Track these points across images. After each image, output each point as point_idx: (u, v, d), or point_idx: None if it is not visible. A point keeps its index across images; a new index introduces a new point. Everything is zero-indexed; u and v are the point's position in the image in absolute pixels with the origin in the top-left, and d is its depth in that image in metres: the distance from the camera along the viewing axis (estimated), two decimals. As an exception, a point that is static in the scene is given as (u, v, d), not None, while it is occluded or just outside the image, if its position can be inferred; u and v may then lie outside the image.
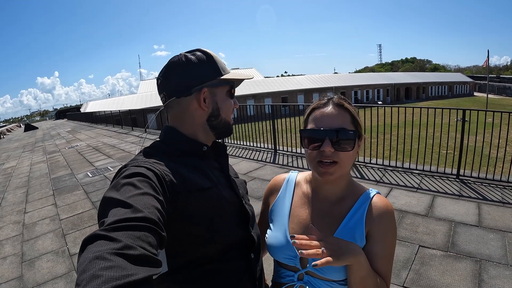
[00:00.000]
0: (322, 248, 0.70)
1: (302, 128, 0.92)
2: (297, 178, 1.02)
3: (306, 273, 0.86)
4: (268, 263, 1.15)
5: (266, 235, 0.95)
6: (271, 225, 0.97)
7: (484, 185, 4.06)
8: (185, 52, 0.88)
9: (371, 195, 0.89)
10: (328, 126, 0.83)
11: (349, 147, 0.83)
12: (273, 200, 1.01)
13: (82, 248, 0.47)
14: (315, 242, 0.72)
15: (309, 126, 0.88)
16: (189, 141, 0.87)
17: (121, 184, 0.64)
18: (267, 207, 1.03)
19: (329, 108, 0.85)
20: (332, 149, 0.81)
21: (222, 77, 0.87)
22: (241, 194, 0.91)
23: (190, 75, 0.85)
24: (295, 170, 1.01)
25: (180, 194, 0.73)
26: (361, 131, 0.88)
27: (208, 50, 0.88)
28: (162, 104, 0.91)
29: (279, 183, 1.04)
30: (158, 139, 0.90)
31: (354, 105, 0.91)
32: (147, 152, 0.83)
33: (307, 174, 1.01)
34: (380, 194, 0.91)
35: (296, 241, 0.71)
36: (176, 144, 0.86)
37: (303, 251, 0.68)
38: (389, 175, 4.77)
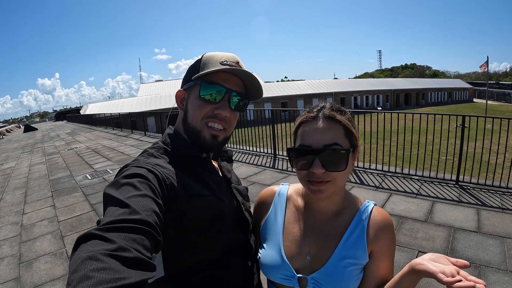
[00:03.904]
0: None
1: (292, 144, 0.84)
2: (288, 191, 0.95)
3: None
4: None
5: (259, 254, 0.88)
6: (264, 243, 0.89)
7: (484, 191, 4.07)
8: None
9: (370, 208, 0.85)
10: (317, 143, 0.75)
11: (342, 166, 0.75)
12: (264, 215, 0.94)
13: (75, 246, 0.47)
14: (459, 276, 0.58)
15: (298, 143, 0.80)
16: (186, 144, 0.85)
17: (121, 184, 0.63)
18: (258, 223, 0.97)
19: (319, 123, 0.77)
20: (323, 170, 0.74)
21: (194, 76, 0.81)
22: (241, 201, 0.90)
23: (183, 80, 0.88)
24: (290, 176, 0.92)
25: (180, 198, 0.72)
26: (357, 142, 0.81)
27: (208, 52, 0.86)
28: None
29: (270, 197, 0.96)
30: (160, 140, 0.89)
31: (353, 111, 0.85)
32: (149, 153, 0.82)
33: (300, 186, 0.94)
34: (377, 205, 0.87)
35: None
36: (175, 145, 0.85)
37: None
38: (389, 180, 4.77)
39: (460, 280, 0.56)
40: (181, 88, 0.88)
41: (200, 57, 0.86)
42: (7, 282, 2.89)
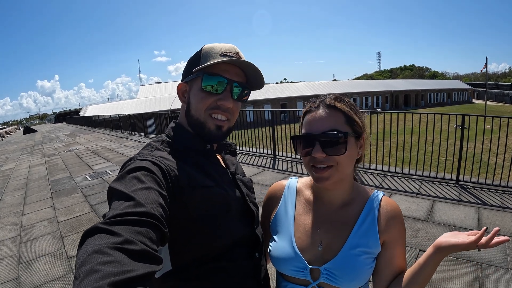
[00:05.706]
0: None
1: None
2: (298, 185, 0.97)
3: (319, 285, 0.81)
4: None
5: (270, 247, 0.89)
6: (274, 236, 0.90)
7: (484, 190, 4.07)
8: None
9: (379, 198, 0.86)
10: (317, 130, 0.79)
11: (341, 150, 0.77)
12: (275, 209, 0.95)
13: (82, 241, 0.47)
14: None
15: (302, 132, 0.84)
16: (190, 136, 0.86)
17: (125, 177, 0.63)
18: (268, 217, 0.98)
19: (319, 111, 0.81)
20: (324, 154, 0.77)
21: (195, 69, 0.81)
22: (245, 193, 0.90)
23: (183, 73, 0.88)
24: (294, 176, 0.96)
25: (185, 189, 0.72)
26: (361, 129, 0.82)
27: (207, 44, 0.85)
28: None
29: (279, 191, 0.98)
30: (164, 134, 0.89)
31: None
32: (153, 146, 0.82)
33: (308, 179, 0.96)
34: (386, 195, 0.88)
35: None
36: (179, 138, 0.86)
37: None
38: (389, 180, 4.77)
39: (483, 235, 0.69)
40: (181, 81, 0.88)
41: (199, 49, 0.85)
42: (6, 282, 2.88)
